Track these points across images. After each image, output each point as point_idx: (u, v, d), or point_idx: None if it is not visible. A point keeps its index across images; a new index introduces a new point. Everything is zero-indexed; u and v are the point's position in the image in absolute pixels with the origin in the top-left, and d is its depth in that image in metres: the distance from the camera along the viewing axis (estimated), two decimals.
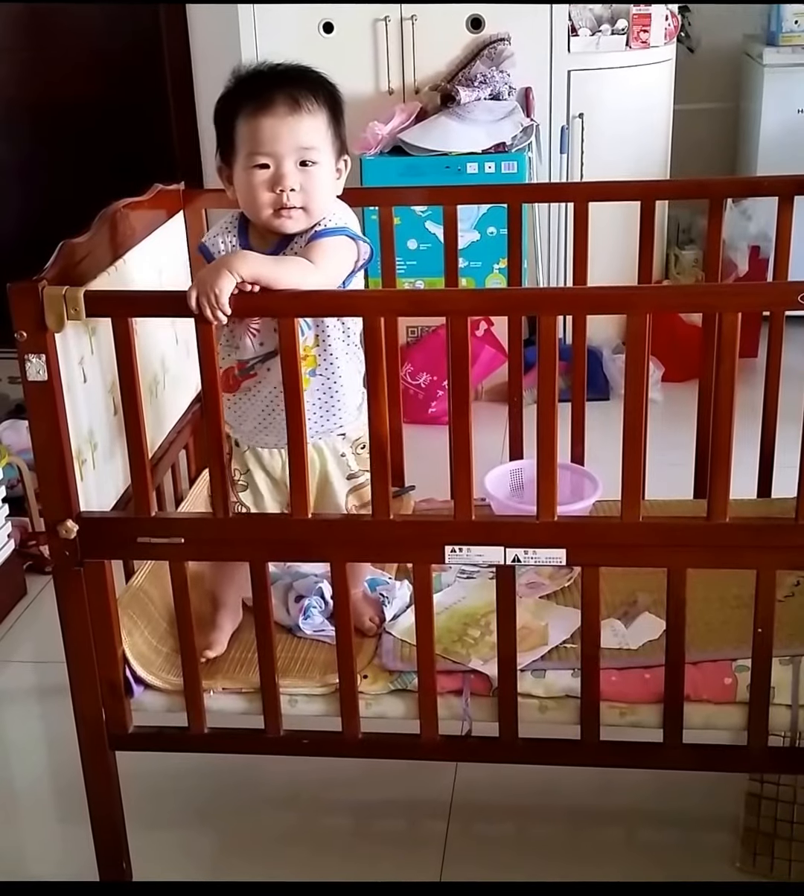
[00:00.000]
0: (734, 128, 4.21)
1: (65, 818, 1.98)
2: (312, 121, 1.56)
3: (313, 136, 1.56)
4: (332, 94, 1.60)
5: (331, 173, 1.60)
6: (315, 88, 1.58)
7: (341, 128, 1.61)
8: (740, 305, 1.39)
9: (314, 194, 1.57)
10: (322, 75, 1.62)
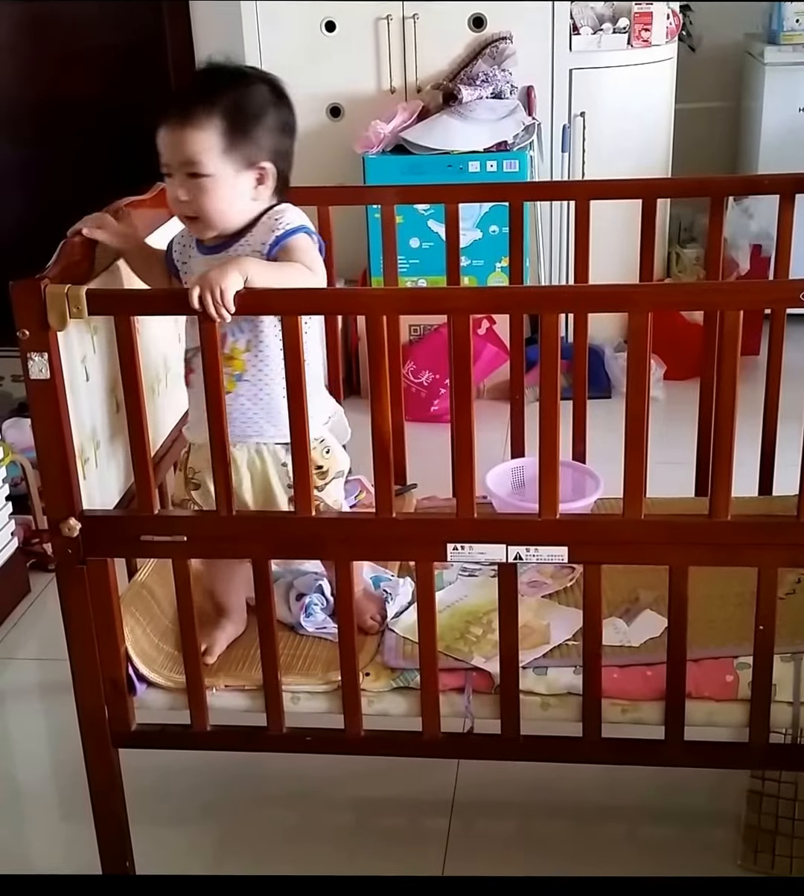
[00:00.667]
0: (735, 126, 4.21)
1: (68, 815, 1.99)
2: (198, 134, 1.53)
3: (198, 150, 1.53)
4: (233, 105, 1.55)
5: (231, 184, 1.56)
6: (211, 99, 1.54)
7: (247, 138, 1.55)
8: (742, 303, 1.39)
9: (206, 205, 1.56)
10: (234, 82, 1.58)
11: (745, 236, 3.66)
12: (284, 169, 1.64)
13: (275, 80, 1.64)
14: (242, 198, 1.59)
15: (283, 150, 1.62)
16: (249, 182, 1.59)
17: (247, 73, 1.63)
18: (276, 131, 1.60)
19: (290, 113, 1.64)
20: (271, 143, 1.60)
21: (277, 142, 1.61)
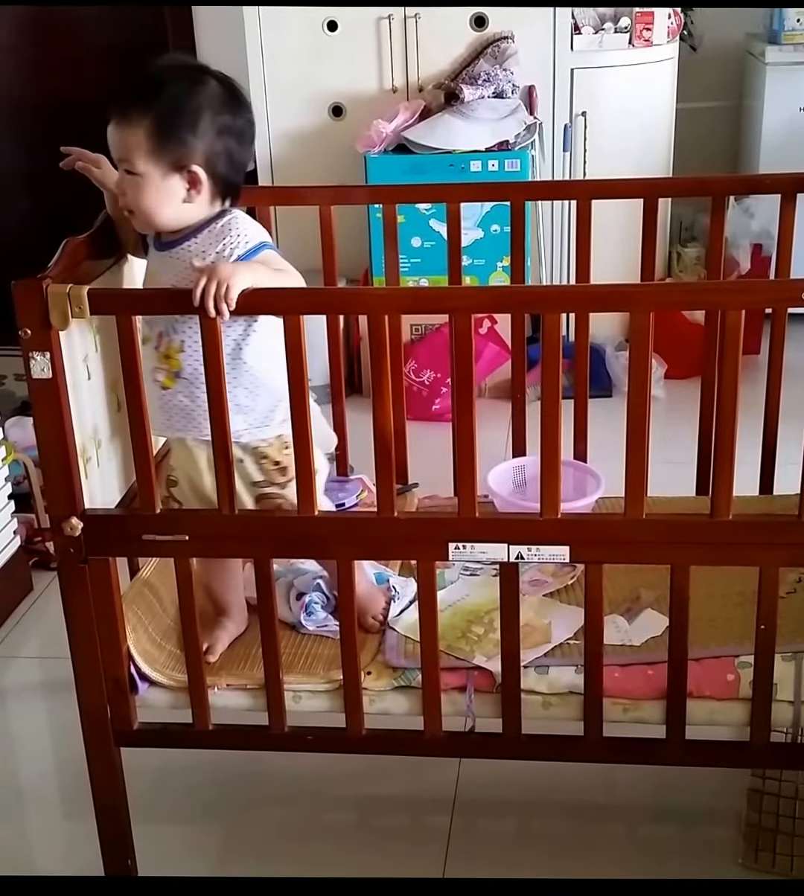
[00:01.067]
0: (736, 126, 4.21)
1: (70, 813, 1.99)
2: (128, 132, 1.54)
3: (128, 148, 1.54)
4: (163, 107, 1.53)
5: (159, 185, 1.55)
6: (145, 100, 1.54)
7: (174, 141, 1.53)
8: (743, 303, 1.39)
9: (138, 203, 1.56)
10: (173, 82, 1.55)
11: (746, 235, 3.66)
12: (226, 173, 1.58)
13: (227, 82, 1.60)
14: (172, 200, 1.57)
15: (223, 153, 1.56)
16: (179, 185, 1.56)
17: (193, 73, 1.58)
18: (212, 135, 1.55)
19: (236, 116, 1.58)
20: (205, 147, 1.55)
21: (213, 145, 1.55)
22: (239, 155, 1.60)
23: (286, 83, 3.56)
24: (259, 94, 3.53)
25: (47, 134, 4.10)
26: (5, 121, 4.16)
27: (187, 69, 1.60)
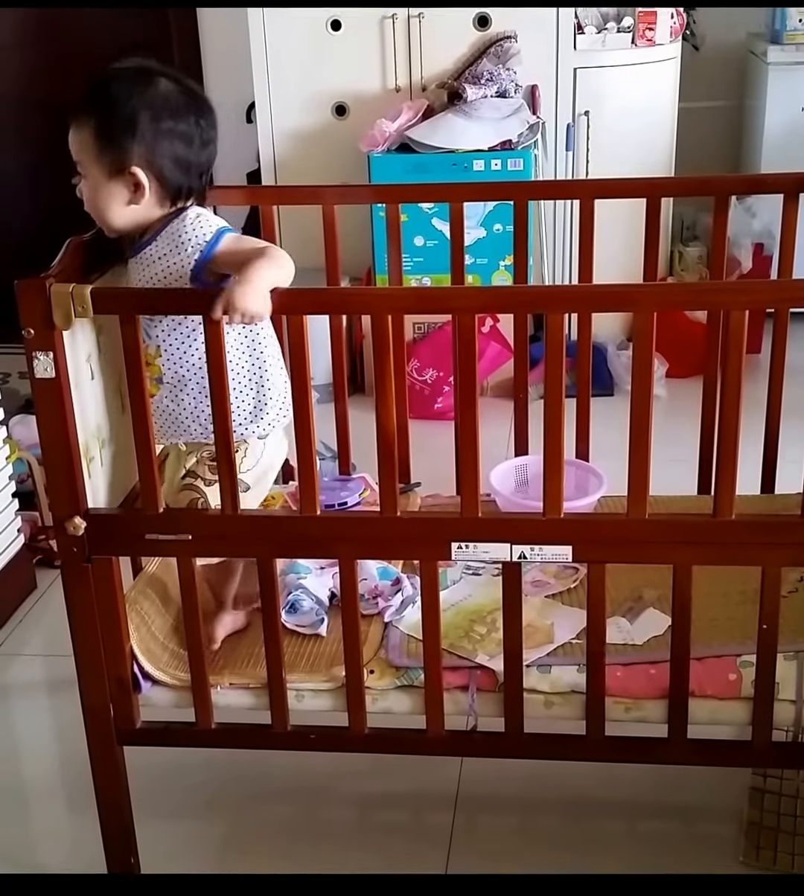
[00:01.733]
0: (738, 125, 4.21)
1: (73, 810, 1.99)
2: (78, 135, 1.58)
3: (78, 150, 1.58)
4: (107, 111, 1.55)
5: (104, 190, 1.56)
6: (92, 103, 1.57)
7: (114, 144, 1.54)
8: (746, 303, 1.39)
9: (89, 204, 1.60)
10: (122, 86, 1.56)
11: (748, 235, 3.66)
12: (171, 176, 1.57)
13: (184, 84, 1.59)
14: (118, 202, 1.57)
15: (166, 156, 1.56)
16: (123, 187, 1.56)
17: (141, 76, 1.57)
18: (153, 137, 1.54)
19: (181, 119, 1.57)
20: (145, 150, 1.54)
21: (154, 148, 1.55)
22: (187, 156, 1.58)
23: (289, 82, 3.56)
24: (263, 93, 3.54)
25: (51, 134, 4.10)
26: (9, 120, 4.16)
27: (138, 72, 1.59)
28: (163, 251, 1.59)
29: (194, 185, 1.62)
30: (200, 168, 1.62)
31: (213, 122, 1.62)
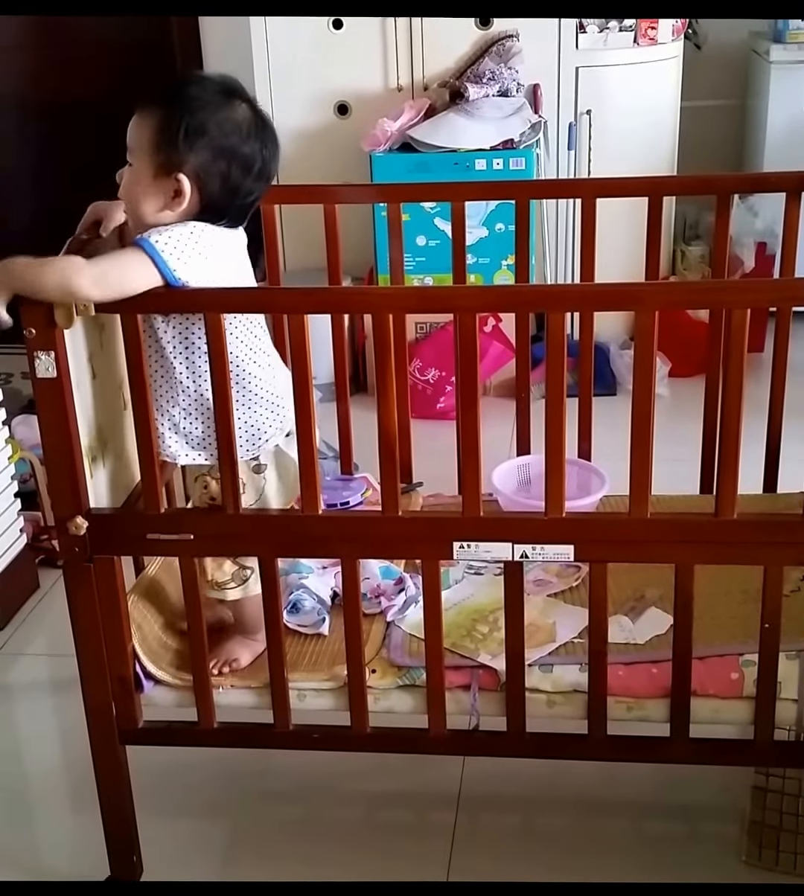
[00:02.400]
0: (741, 124, 4.20)
1: (77, 809, 2.00)
2: (138, 125, 1.55)
3: (134, 139, 1.56)
4: (175, 112, 1.52)
5: (145, 185, 1.55)
6: (161, 99, 1.55)
7: (172, 146, 1.52)
8: (748, 301, 1.39)
9: (127, 193, 1.58)
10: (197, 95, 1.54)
11: (750, 234, 3.66)
12: (214, 194, 1.55)
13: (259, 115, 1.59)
14: (155, 201, 1.55)
15: (217, 175, 1.54)
16: (165, 189, 1.54)
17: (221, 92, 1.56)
18: (210, 152, 1.53)
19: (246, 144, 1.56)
20: (199, 161, 1.53)
21: (208, 163, 1.53)
22: (239, 182, 1.56)
23: (291, 82, 3.56)
24: (264, 92, 3.54)
25: (53, 134, 4.13)
26: (12, 120, 4.17)
27: (219, 86, 1.58)
28: None
29: (233, 211, 1.59)
30: (247, 197, 1.59)
31: (275, 154, 1.62)
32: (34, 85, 4.10)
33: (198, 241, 1.53)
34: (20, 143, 4.18)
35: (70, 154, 4.08)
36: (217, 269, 1.54)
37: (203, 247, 1.53)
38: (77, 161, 4.04)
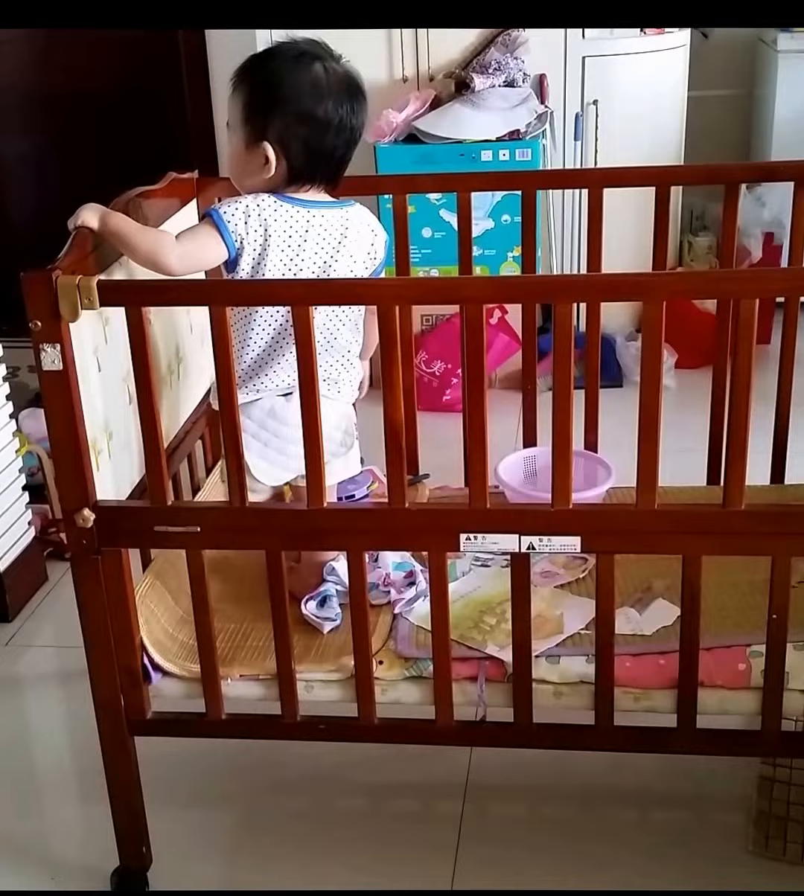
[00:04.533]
0: (748, 114, 4.19)
1: (86, 800, 2.00)
2: (232, 99, 1.66)
3: (229, 112, 1.68)
4: (258, 83, 1.63)
5: (240, 155, 1.67)
6: (246, 72, 1.65)
7: (258, 116, 1.62)
8: (757, 291, 1.38)
9: (229, 167, 1.72)
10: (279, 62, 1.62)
11: (758, 224, 3.65)
12: (297, 159, 1.64)
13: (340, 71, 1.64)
14: (249, 171, 1.67)
15: (299, 138, 1.63)
16: (256, 158, 1.65)
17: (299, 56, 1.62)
18: (294, 120, 1.62)
19: (323, 105, 1.62)
20: (282, 130, 1.62)
21: (289, 129, 1.62)
22: (319, 143, 1.64)
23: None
24: None
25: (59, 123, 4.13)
26: (16, 113, 4.17)
27: (292, 51, 1.64)
28: None
29: (320, 171, 1.67)
30: (332, 155, 1.66)
31: (359, 110, 1.67)
32: (39, 76, 4.09)
33: (260, 213, 1.64)
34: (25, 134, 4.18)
35: (75, 144, 4.08)
36: (276, 243, 1.64)
37: (265, 219, 1.64)
38: (82, 151, 4.05)
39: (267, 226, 1.64)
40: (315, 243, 1.69)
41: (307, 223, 1.68)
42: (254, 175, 1.67)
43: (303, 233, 1.67)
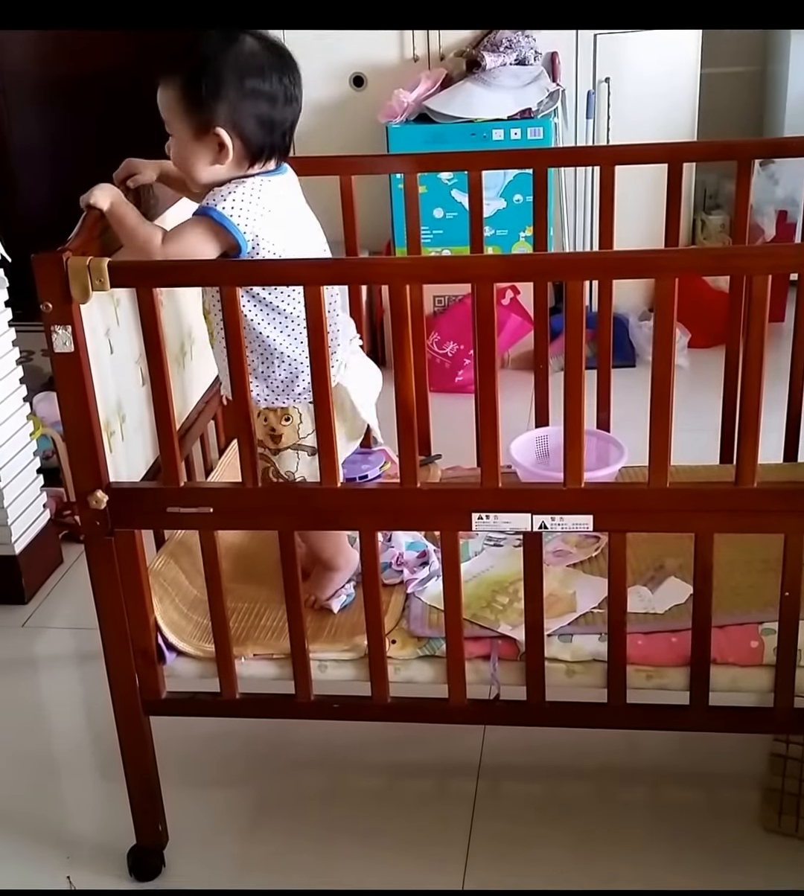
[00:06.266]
0: (761, 91, 4.15)
1: (103, 779, 2.02)
2: (164, 95, 1.60)
3: (165, 109, 1.61)
4: (192, 70, 1.56)
5: (190, 149, 1.60)
6: (176, 63, 1.59)
7: (201, 104, 1.56)
8: (769, 267, 1.38)
9: (177, 162, 1.63)
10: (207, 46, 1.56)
11: (771, 202, 3.62)
12: (254, 136, 1.59)
13: (268, 43, 1.60)
14: (204, 160, 1.60)
15: (251, 116, 1.57)
16: (209, 147, 1.59)
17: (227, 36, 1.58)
18: (237, 97, 1.56)
19: (266, 78, 1.58)
20: (229, 110, 1.56)
21: (238, 108, 1.57)
22: (270, 116, 1.60)
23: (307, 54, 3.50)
24: None
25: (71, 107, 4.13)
26: (29, 99, 4.18)
27: (223, 32, 1.60)
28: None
29: (277, 144, 1.64)
30: (283, 126, 1.64)
31: (297, 79, 1.64)
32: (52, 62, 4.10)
33: (260, 196, 1.60)
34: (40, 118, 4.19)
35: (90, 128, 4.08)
36: (280, 221, 1.61)
37: (264, 202, 1.60)
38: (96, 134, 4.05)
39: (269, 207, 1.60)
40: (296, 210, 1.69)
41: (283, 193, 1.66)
42: (207, 164, 1.60)
43: (287, 204, 1.66)
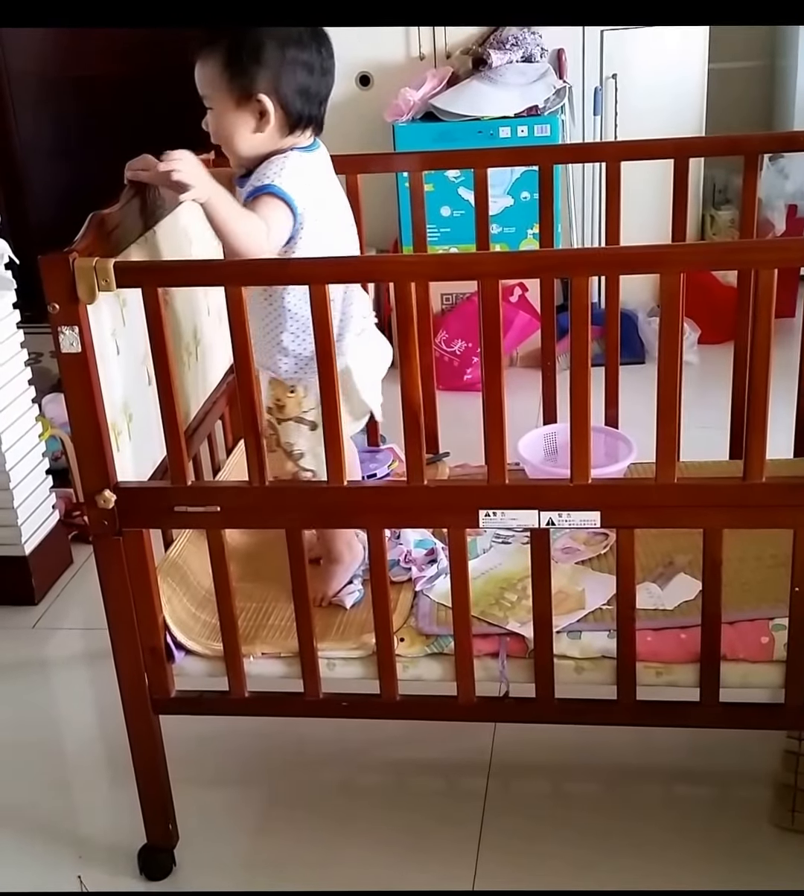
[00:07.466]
0: (769, 86, 4.13)
1: (113, 778, 2.02)
2: (204, 69, 1.61)
3: (205, 83, 1.62)
4: (233, 40, 1.58)
5: (231, 119, 1.61)
6: (216, 37, 1.60)
7: (243, 72, 1.58)
8: (776, 261, 1.37)
9: (217, 134, 1.64)
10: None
11: (781, 196, 3.61)
12: (295, 103, 1.61)
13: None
14: (244, 130, 1.62)
15: (292, 84, 1.60)
16: (251, 114, 1.61)
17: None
18: (279, 65, 1.59)
19: (305, 49, 1.61)
20: (271, 77, 1.59)
21: (280, 76, 1.59)
22: (309, 85, 1.62)
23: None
24: None
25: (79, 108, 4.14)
26: (41, 100, 4.20)
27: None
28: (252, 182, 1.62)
29: (314, 114, 1.66)
30: (320, 96, 1.66)
31: (331, 51, 1.66)
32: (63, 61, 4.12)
33: (302, 169, 1.62)
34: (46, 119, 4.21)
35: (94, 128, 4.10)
36: (320, 196, 1.65)
37: (307, 174, 1.63)
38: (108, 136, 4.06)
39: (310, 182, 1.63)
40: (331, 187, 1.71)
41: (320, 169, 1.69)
42: (247, 133, 1.62)
43: (324, 179, 1.69)
